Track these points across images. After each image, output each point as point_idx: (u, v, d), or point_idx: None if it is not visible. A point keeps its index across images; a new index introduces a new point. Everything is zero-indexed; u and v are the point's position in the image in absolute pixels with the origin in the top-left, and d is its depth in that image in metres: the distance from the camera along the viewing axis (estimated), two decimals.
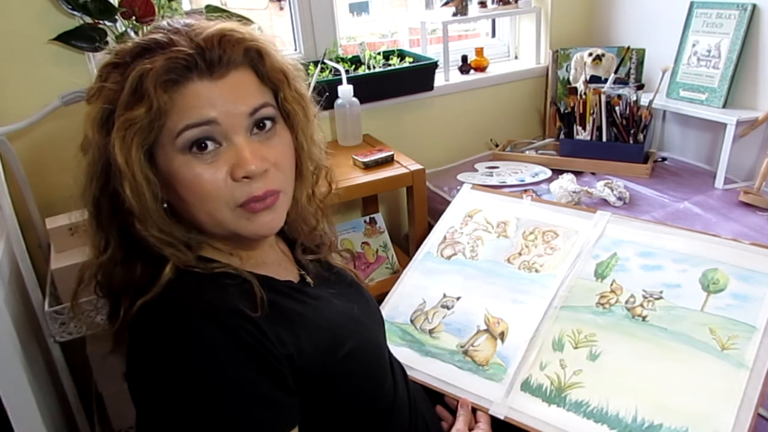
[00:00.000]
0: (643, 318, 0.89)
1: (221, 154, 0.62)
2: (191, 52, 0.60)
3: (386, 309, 1.10)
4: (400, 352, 0.99)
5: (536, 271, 1.04)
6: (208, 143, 0.61)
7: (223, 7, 1.39)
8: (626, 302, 0.92)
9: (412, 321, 1.05)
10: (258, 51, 0.64)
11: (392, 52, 1.72)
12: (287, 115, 0.68)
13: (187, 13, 1.32)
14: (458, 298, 1.05)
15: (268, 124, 0.65)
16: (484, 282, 1.06)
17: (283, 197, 0.67)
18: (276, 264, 0.75)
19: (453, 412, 0.90)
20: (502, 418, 0.86)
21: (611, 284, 0.96)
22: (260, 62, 0.65)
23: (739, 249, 0.93)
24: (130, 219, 0.62)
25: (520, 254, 1.08)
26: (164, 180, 0.63)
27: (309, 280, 0.78)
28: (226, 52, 0.61)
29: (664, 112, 1.70)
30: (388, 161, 1.38)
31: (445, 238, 1.18)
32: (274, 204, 0.65)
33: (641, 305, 0.91)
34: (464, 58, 1.81)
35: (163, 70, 0.58)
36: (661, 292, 0.92)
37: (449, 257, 1.14)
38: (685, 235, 0.98)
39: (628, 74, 1.70)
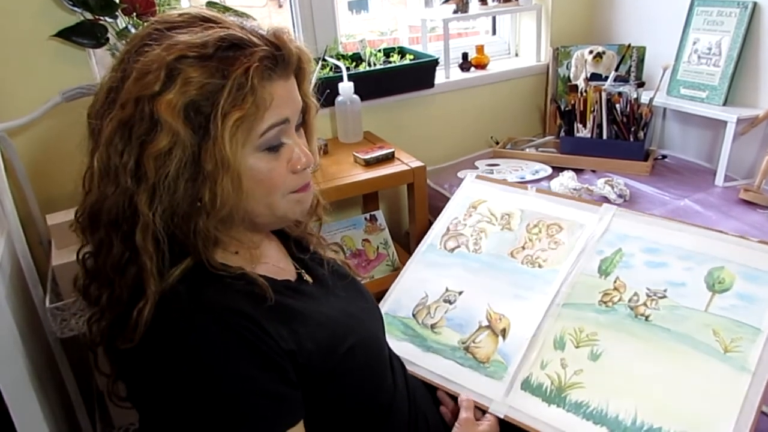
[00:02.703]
0: (646, 317, 0.89)
1: (283, 150, 0.66)
2: (276, 52, 0.61)
3: (388, 302, 1.10)
4: (401, 346, 0.99)
5: (539, 266, 1.03)
6: (277, 140, 0.64)
7: (223, 4, 1.38)
8: (629, 300, 0.91)
9: (414, 315, 1.05)
10: (302, 51, 0.66)
11: (393, 49, 1.71)
12: (307, 109, 0.71)
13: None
14: (460, 293, 1.05)
15: (302, 119, 0.70)
16: (487, 276, 1.06)
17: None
18: (274, 263, 0.76)
19: (453, 398, 0.91)
20: (501, 416, 0.86)
21: (615, 281, 0.95)
22: (301, 62, 0.67)
23: (746, 247, 0.91)
24: (191, 215, 0.61)
25: (523, 248, 1.08)
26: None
27: (306, 278, 0.78)
28: (292, 53, 0.64)
29: (665, 109, 1.71)
30: (389, 158, 1.38)
31: (448, 229, 1.18)
32: (310, 188, 0.72)
33: (644, 304, 0.90)
34: (465, 56, 1.81)
35: (263, 67, 0.60)
36: (665, 291, 0.91)
37: (452, 249, 1.14)
38: (692, 231, 0.96)
39: (628, 72, 1.70)
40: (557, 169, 1.56)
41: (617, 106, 1.53)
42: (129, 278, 0.62)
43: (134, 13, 1.16)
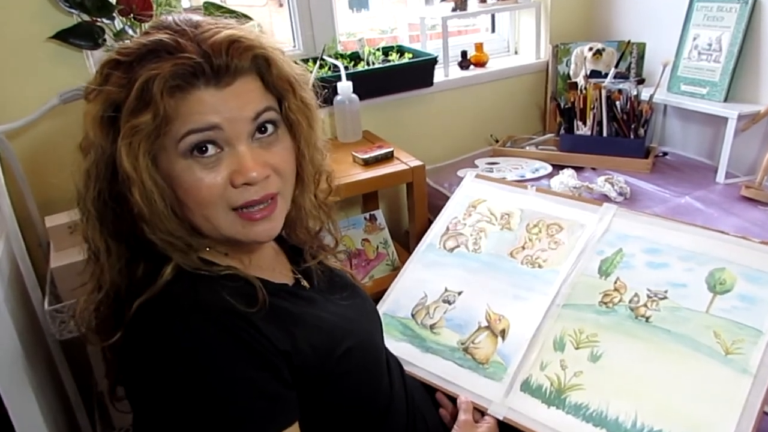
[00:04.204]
0: (647, 319, 0.88)
1: (222, 159, 0.62)
2: (199, 60, 0.59)
3: (387, 302, 1.09)
4: (400, 347, 0.99)
5: (539, 266, 1.02)
6: (210, 147, 0.61)
7: (222, 4, 1.38)
8: (630, 301, 0.91)
9: (413, 315, 1.05)
10: (266, 59, 0.64)
11: (391, 47, 1.71)
12: (290, 124, 0.68)
13: (186, 10, 1.32)
14: (460, 293, 1.04)
15: (270, 128, 0.65)
16: (487, 276, 1.05)
17: (281, 201, 0.67)
18: (271, 267, 0.75)
19: (452, 400, 0.90)
20: (500, 418, 0.86)
21: (615, 282, 0.94)
22: (267, 70, 0.64)
23: (748, 248, 0.90)
24: (137, 222, 0.62)
25: (523, 248, 1.07)
26: (165, 182, 0.62)
27: (304, 283, 0.78)
28: (234, 60, 0.61)
29: (665, 106, 1.70)
30: (388, 157, 1.38)
31: (447, 229, 1.17)
32: (272, 213, 0.66)
33: (645, 305, 0.89)
34: (464, 54, 1.80)
35: (170, 76, 0.58)
36: (665, 292, 0.90)
37: (452, 249, 1.13)
38: (693, 231, 0.95)
39: (628, 69, 1.69)
40: (557, 167, 1.55)
41: (617, 103, 1.53)
42: (95, 269, 0.65)
43: (131, 14, 1.16)
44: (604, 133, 1.56)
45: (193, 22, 0.63)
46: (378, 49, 1.66)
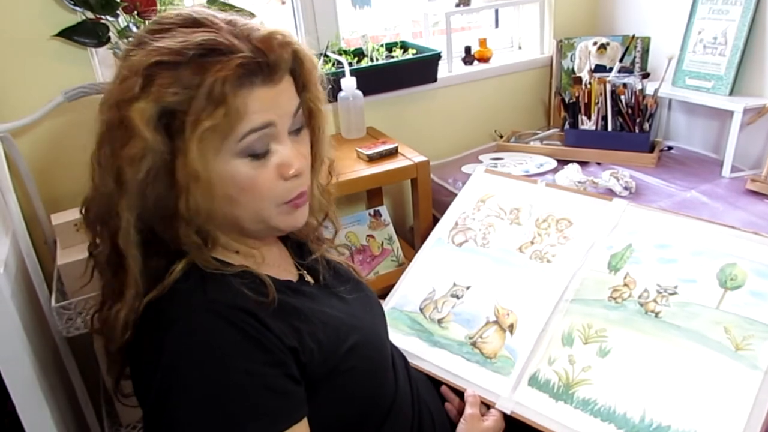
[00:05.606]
0: (656, 314, 0.87)
1: (271, 155, 0.64)
2: (259, 59, 0.60)
3: (395, 296, 1.09)
4: (408, 341, 0.99)
5: (548, 261, 1.02)
6: (263, 144, 0.63)
7: (225, 2, 1.38)
8: (639, 297, 0.90)
9: (421, 310, 1.05)
10: (299, 54, 0.65)
11: (395, 44, 1.70)
12: (311, 114, 0.70)
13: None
14: (468, 288, 1.04)
15: (301, 122, 0.67)
16: (495, 271, 1.05)
17: (308, 192, 0.71)
18: (276, 264, 0.76)
19: (458, 393, 0.90)
20: (508, 413, 0.86)
21: (624, 277, 0.93)
22: (300, 65, 0.66)
23: (759, 243, 0.88)
24: (172, 221, 0.62)
25: (532, 243, 1.06)
26: None
27: (308, 279, 0.78)
28: (282, 56, 0.62)
29: (670, 100, 1.69)
30: (392, 153, 1.38)
31: (456, 223, 1.17)
32: (305, 200, 0.69)
33: (654, 300, 0.89)
34: (467, 49, 1.80)
35: (237, 75, 0.58)
36: (675, 287, 0.89)
37: (460, 244, 1.13)
38: (704, 226, 0.94)
39: (633, 63, 1.69)
40: (562, 162, 1.55)
41: (622, 97, 1.52)
42: (121, 277, 0.63)
43: (135, 12, 1.16)
44: (609, 128, 1.56)
45: (225, 19, 0.63)
46: (382, 45, 1.66)
